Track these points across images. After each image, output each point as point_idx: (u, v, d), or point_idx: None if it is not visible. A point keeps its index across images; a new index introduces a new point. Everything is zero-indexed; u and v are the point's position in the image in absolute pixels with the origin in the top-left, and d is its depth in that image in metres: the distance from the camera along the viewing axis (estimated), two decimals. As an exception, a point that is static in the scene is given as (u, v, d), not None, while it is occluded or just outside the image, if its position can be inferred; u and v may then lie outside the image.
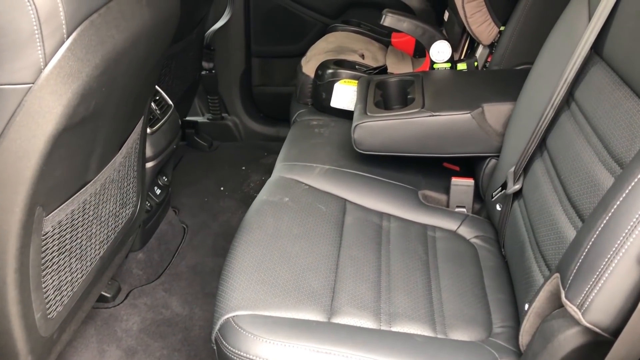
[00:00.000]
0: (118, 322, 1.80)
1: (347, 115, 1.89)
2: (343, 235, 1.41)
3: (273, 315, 1.16)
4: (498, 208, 1.48)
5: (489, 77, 1.83)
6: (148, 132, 1.72)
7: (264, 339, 1.10)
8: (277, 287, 1.23)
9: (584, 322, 0.88)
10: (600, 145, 1.10)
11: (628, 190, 0.86)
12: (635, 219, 0.83)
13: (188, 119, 2.73)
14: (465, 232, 1.52)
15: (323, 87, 2.02)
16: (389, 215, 1.52)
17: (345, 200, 1.54)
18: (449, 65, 1.95)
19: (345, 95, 1.99)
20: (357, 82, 1.92)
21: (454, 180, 1.63)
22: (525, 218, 1.32)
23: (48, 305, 1.20)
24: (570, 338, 0.92)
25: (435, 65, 1.96)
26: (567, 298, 0.91)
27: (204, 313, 1.85)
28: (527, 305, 1.09)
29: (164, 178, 2.00)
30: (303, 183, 1.59)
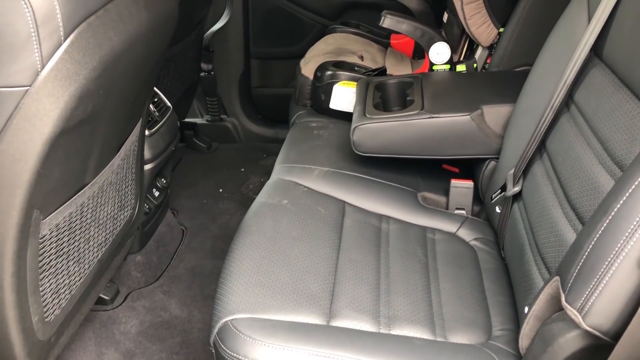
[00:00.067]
0: (116, 324, 1.79)
1: (346, 117, 1.89)
2: (342, 238, 1.40)
3: (272, 319, 1.16)
4: (497, 210, 1.47)
5: (488, 78, 1.83)
6: (146, 134, 1.71)
7: (263, 343, 1.10)
8: (275, 290, 1.22)
9: (584, 325, 0.88)
10: (600, 148, 1.09)
11: (628, 194, 0.86)
12: (636, 222, 0.83)
13: (187, 121, 2.72)
14: (465, 234, 1.51)
15: (322, 88, 2.02)
16: (388, 218, 1.52)
17: (345, 203, 1.54)
18: (448, 67, 1.94)
19: (345, 97, 1.98)
20: (356, 83, 1.92)
21: (454, 182, 1.62)
22: (525, 220, 1.31)
23: (45, 309, 1.20)
24: (571, 341, 0.91)
25: (435, 67, 1.95)
26: (567, 301, 0.91)
27: (203, 316, 1.84)
28: (526, 308, 1.09)
29: (163, 180, 2.00)
30: (302, 185, 1.59)
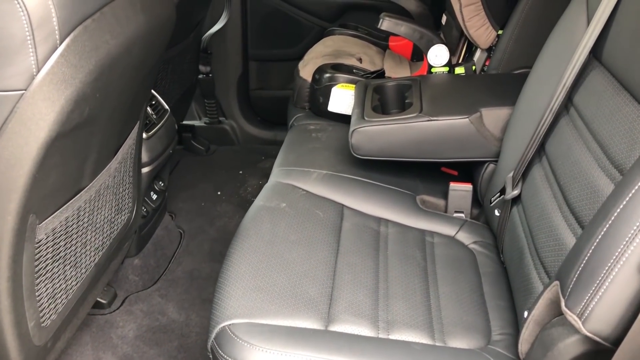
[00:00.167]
0: (114, 328, 1.78)
1: (344, 120, 1.88)
2: (340, 242, 1.39)
3: (269, 324, 1.15)
4: (497, 213, 1.47)
5: (487, 81, 1.82)
6: (144, 137, 1.70)
7: (260, 348, 1.09)
8: (273, 294, 1.21)
9: (584, 331, 0.87)
10: (600, 151, 1.09)
11: (628, 198, 0.85)
12: (636, 227, 0.83)
13: (185, 123, 2.72)
14: (464, 237, 1.51)
15: (320, 91, 2.01)
16: (387, 221, 1.51)
17: (343, 206, 1.53)
18: (447, 69, 1.94)
19: (343, 100, 1.98)
20: (354, 86, 1.91)
21: (452, 185, 1.62)
22: (524, 224, 1.31)
23: (42, 314, 1.19)
24: (570, 347, 0.91)
25: (433, 69, 1.95)
26: (567, 307, 0.90)
27: (201, 319, 1.83)
28: (526, 313, 1.08)
29: (160, 183, 1.99)
30: (300, 188, 1.58)
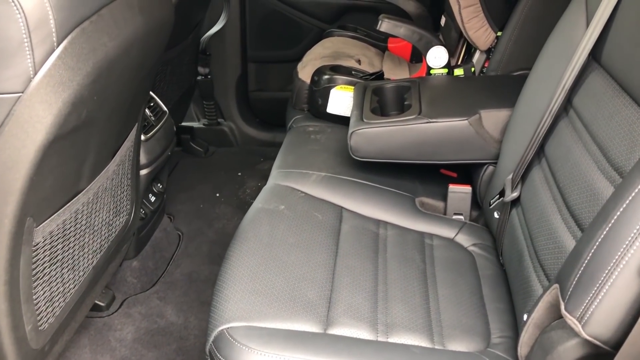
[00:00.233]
0: (112, 331, 1.78)
1: (343, 122, 1.88)
2: (339, 244, 1.39)
3: (268, 327, 1.15)
4: (496, 216, 1.46)
5: (486, 83, 1.82)
6: (142, 139, 1.70)
7: (259, 352, 1.08)
8: (272, 297, 1.21)
9: (584, 334, 0.87)
10: (599, 154, 1.08)
11: (628, 201, 0.85)
12: (636, 230, 0.82)
13: (184, 125, 2.71)
14: (463, 239, 1.50)
15: (319, 93, 2.01)
16: (386, 223, 1.51)
17: (342, 208, 1.53)
18: (446, 71, 1.94)
19: (342, 101, 1.97)
20: (353, 88, 1.91)
21: (452, 187, 1.61)
22: (524, 226, 1.30)
23: (39, 317, 1.18)
24: (570, 350, 0.90)
25: (432, 71, 1.94)
26: (566, 310, 0.90)
27: (199, 322, 1.83)
28: (525, 316, 1.08)
29: (159, 185, 1.99)
30: (299, 190, 1.57)
